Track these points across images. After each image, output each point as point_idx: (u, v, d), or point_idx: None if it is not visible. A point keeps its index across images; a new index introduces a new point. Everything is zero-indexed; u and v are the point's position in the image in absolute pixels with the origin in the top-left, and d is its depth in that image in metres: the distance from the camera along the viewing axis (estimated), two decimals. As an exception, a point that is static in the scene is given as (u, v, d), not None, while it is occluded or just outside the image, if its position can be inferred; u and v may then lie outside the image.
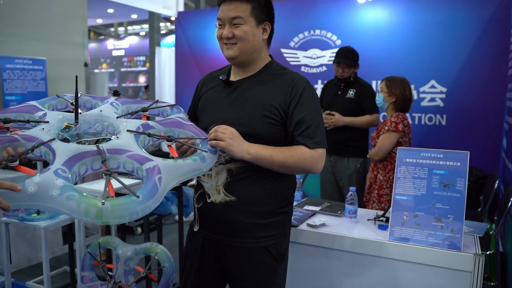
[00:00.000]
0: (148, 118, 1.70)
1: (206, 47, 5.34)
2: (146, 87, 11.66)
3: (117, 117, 1.58)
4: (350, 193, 2.31)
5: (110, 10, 11.19)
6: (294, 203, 2.57)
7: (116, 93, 1.76)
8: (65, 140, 1.42)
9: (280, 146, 1.61)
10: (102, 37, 15.87)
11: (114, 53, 14.31)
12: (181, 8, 5.76)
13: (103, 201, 1.13)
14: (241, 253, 1.68)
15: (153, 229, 4.52)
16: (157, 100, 1.79)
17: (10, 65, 6.22)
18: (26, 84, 6.49)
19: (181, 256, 3.32)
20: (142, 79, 13.51)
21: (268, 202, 1.66)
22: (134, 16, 12.38)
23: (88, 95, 1.78)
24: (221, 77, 1.72)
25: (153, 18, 7.92)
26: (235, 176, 1.65)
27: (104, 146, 1.36)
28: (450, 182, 1.93)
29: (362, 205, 3.18)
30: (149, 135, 1.49)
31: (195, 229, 1.79)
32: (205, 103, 1.78)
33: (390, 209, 2.28)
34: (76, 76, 1.64)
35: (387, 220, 2.23)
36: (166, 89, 6.46)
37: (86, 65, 7.62)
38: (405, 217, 1.98)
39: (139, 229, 4.75)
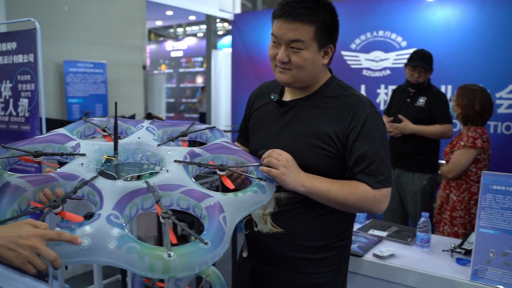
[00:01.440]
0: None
1: (263, 50, 5.18)
2: (203, 88, 11.72)
3: (158, 145, 1.45)
4: (422, 219, 2.06)
5: (169, 13, 11.33)
6: (358, 226, 2.34)
7: (149, 116, 1.63)
8: (102, 173, 1.28)
9: (337, 178, 1.40)
10: (161, 38, 16.18)
11: (173, 54, 14.53)
12: (238, 10, 5.64)
13: (169, 252, 0.99)
14: None
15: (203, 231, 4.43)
16: (194, 122, 1.66)
17: (73, 69, 6.38)
18: (88, 87, 6.64)
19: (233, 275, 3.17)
20: (199, 80, 13.62)
21: (319, 236, 1.48)
22: (192, 18, 12.49)
23: (119, 118, 1.62)
24: (272, 97, 1.54)
25: (209, 20, 7.88)
26: (284, 206, 1.48)
27: (154, 181, 1.22)
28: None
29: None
30: (199, 165, 1.35)
31: (244, 255, 1.64)
32: (256, 122, 1.62)
33: (470, 240, 2.00)
34: (116, 103, 1.50)
35: (466, 252, 1.95)
36: (222, 91, 6.38)
37: (144, 67, 7.71)
38: (491, 254, 1.70)
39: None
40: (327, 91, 1.47)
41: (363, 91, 4.79)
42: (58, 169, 1.27)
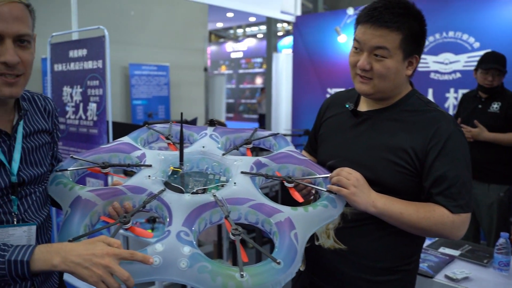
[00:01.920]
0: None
1: (324, 53, 5.07)
2: (262, 89, 11.74)
3: (223, 154, 1.42)
4: (501, 240, 1.90)
5: (230, 14, 11.46)
6: (427, 242, 2.21)
7: (212, 123, 1.60)
8: (168, 184, 1.28)
9: (410, 198, 1.30)
10: (222, 40, 16.41)
11: (233, 55, 14.71)
12: (299, 12, 5.57)
13: (242, 273, 0.98)
14: None
15: (266, 242, 4.40)
16: (256, 129, 1.61)
17: (137, 72, 6.60)
18: (151, 89, 6.84)
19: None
20: (258, 81, 13.69)
21: (385, 257, 1.38)
22: (252, 19, 12.55)
23: (184, 125, 1.61)
24: (347, 106, 1.46)
25: (270, 22, 7.86)
26: (349, 222, 1.39)
27: (222, 195, 1.19)
28: None
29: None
30: (266, 176, 1.32)
31: (301, 269, 1.57)
32: (327, 131, 1.55)
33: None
34: (182, 113, 1.49)
35: (552, 279, 1.78)
36: (282, 94, 6.33)
37: (205, 69, 7.83)
38: None
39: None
40: (407, 104, 1.37)
41: (430, 95, 4.56)
42: (126, 182, 1.28)
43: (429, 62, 4.65)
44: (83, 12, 3.65)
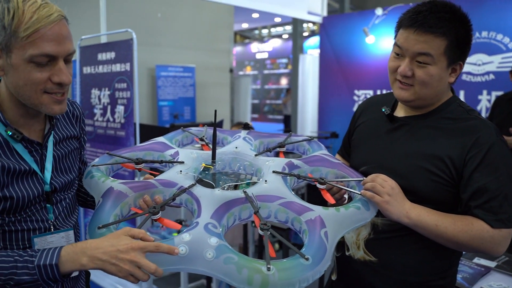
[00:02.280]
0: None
1: (352, 54, 4.99)
2: (288, 89, 11.68)
3: (256, 155, 1.41)
4: (541, 252, 1.81)
5: (255, 15, 11.46)
6: (460, 252, 2.13)
7: (246, 126, 1.61)
8: (200, 181, 1.28)
9: (447, 209, 1.24)
10: (247, 40, 16.42)
11: (258, 56, 14.71)
12: (326, 12, 5.50)
13: (269, 266, 0.96)
14: None
15: (293, 245, 4.36)
16: (291, 133, 1.61)
17: (164, 73, 6.65)
18: (177, 90, 6.89)
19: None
20: (284, 81, 13.64)
21: (418, 271, 1.32)
22: (277, 19, 12.52)
23: (218, 129, 1.62)
24: (383, 110, 1.40)
25: (296, 23, 7.81)
26: (380, 233, 1.34)
27: (252, 191, 1.19)
28: None
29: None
30: (298, 176, 1.31)
31: (333, 278, 1.54)
32: (361, 136, 1.50)
33: None
34: (215, 111, 1.47)
35: None
36: (309, 95, 6.28)
37: (231, 70, 7.84)
38: None
39: (277, 245, 4.63)
40: (447, 112, 1.31)
41: (461, 97, 4.44)
42: (157, 176, 1.29)
43: (460, 63, 4.52)
44: (111, 15, 3.68)
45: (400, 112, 1.40)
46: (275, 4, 4.66)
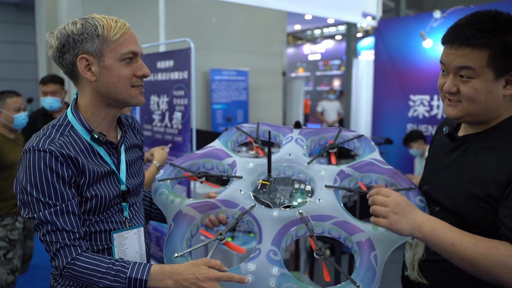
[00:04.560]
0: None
1: (408, 58, 4.86)
2: (341, 92, 11.54)
3: (308, 163, 1.49)
4: None
5: (308, 17, 11.40)
6: None
7: (297, 125, 1.66)
8: (256, 197, 1.39)
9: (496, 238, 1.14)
10: (299, 42, 16.38)
11: (310, 57, 14.62)
12: (381, 13, 5.39)
13: None
14: None
15: (344, 252, 4.32)
16: (341, 129, 1.65)
17: (217, 77, 6.78)
18: (230, 93, 7.00)
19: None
20: (336, 83, 13.48)
21: None
22: (331, 21, 12.40)
23: (267, 124, 1.72)
24: (444, 129, 1.36)
25: (350, 26, 7.72)
26: (432, 255, 1.30)
27: (307, 210, 1.29)
28: None
29: None
30: (349, 190, 1.38)
31: None
32: (430, 155, 1.47)
33: None
34: (269, 132, 1.55)
35: None
36: (362, 100, 6.19)
37: (284, 74, 7.87)
38: None
39: (328, 251, 4.61)
40: (506, 130, 1.22)
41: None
42: (219, 195, 1.42)
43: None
44: (168, 21, 3.81)
45: (462, 130, 1.36)
46: (329, 8, 4.63)
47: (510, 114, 1.23)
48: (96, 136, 1.26)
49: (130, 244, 1.34)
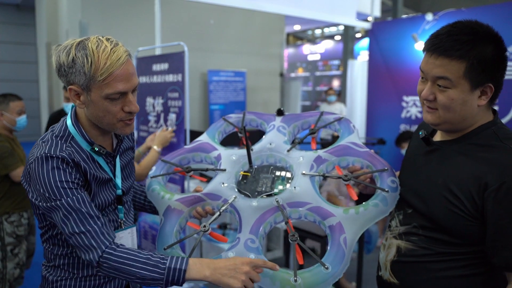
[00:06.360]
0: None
1: (401, 60, 4.92)
2: (339, 92, 11.59)
3: (288, 150, 1.56)
4: None
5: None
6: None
7: (280, 113, 1.72)
8: (239, 191, 1.48)
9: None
10: (299, 42, 16.44)
11: (310, 57, 14.67)
12: (377, 13, 5.45)
13: (295, 278, 1.21)
14: None
15: (325, 237, 4.41)
16: (322, 113, 1.69)
17: (215, 78, 6.86)
18: (228, 94, 7.08)
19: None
20: (336, 83, 13.53)
21: None
22: (330, 21, 12.43)
23: (253, 112, 1.79)
24: (420, 133, 1.40)
25: (347, 27, 7.78)
26: (402, 256, 1.35)
27: (283, 198, 1.38)
28: None
29: None
30: (324, 176, 1.46)
31: None
32: (406, 157, 1.52)
33: None
34: (244, 127, 1.62)
35: None
36: (357, 100, 6.26)
37: (281, 75, 7.93)
38: None
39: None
40: (477, 138, 1.25)
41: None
42: (205, 188, 1.52)
43: (515, 69, 4.37)
44: (165, 23, 3.88)
45: (437, 136, 1.39)
46: (323, 11, 4.70)
47: (485, 122, 1.27)
48: (97, 149, 1.32)
49: (124, 243, 1.41)
